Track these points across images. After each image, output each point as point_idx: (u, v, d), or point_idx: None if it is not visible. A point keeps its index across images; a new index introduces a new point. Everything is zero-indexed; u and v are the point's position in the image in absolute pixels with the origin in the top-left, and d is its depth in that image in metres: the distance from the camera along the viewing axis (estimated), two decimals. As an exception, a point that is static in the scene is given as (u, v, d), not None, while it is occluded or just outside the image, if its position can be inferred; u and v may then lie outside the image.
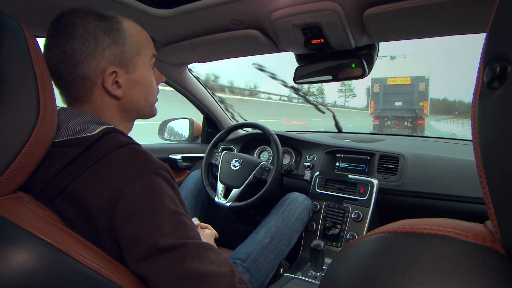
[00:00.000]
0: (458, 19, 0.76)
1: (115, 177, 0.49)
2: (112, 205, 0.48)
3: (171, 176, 0.55)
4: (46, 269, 0.40)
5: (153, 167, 0.51)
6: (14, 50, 0.44)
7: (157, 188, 0.50)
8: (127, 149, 0.53)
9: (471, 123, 0.25)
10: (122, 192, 0.48)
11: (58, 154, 0.51)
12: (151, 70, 0.65)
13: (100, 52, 0.56)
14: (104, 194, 0.48)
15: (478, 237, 0.21)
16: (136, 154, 0.52)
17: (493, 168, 0.21)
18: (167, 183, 0.53)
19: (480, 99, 0.24)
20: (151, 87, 0.65)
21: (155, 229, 0.48)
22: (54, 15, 0.58)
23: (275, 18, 0.85)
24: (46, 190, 0.50)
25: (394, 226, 0.25)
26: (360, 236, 0.28)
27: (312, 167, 1.47)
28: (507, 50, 0.21)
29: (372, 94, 14.78)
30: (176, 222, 0.50)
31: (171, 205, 0.51)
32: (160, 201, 0.50)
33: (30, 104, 0.45)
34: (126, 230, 0.48)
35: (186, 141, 1.85)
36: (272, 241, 1.07)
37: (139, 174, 0.50)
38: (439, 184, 1.19)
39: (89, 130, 0.53)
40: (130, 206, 0.48)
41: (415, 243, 0.22)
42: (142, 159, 0.52)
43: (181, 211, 0.52)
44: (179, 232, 0.50)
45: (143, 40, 0.62)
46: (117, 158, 0.51)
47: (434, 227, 0.23)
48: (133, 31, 0.60)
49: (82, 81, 0.56)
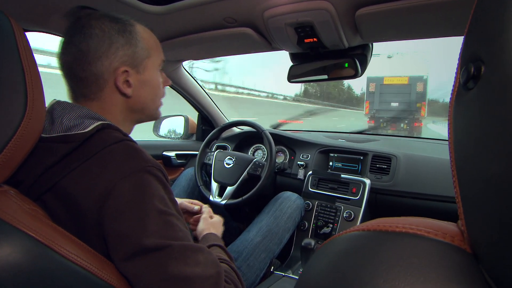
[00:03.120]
0: (449, 20, 0.76)
1: (107, 174, 0.49)
2: (101, 201, 0.48)
3: (163, 175, 0.55)
4: (30, 263, 0.40)
5: (145, 165, 0.51)
6: (1, 43, 0.44)
7: (147, 187, 0.50)
8: (121, 145, 0.53)
9: (448, 124, 0.26)
10: (113, 189, 0.48)
11: (50, 150, 0.51)
12: (159, 73, 0.68)
13: (114, 52, 0.58)
14: (94, 190, 0.48)
15: (447, 236, 0.21)
16: (130, 151, 0.52)
17: (464, 168, 0.22)
18: (158, 182, 0.52)
19: (456, 99, 0.24)
20: (158, 89, 0.69)
21: (141, 229, 0.48)
22: (43, 9, 0.59)
23: (268, 16, 0.85)
24: (35, 186, 0.50)
25: (368, 225, 0.25)
26: (337, 234, 0.28)
27: (305, 166, 1.47)
28: (481, 51, 0.21)
29: (367, 94, 14.19)
30: (163, 222, 0.50)
31: (160, 205, 0.50)
32: (149, 200, 0.49)
33: (17, 98, 0.45)
34: (113, 228, 0.48)
35: (180, 139, 1.85)
36: (264, 240, 1.07)
37: (131, 172, 0.50)
38: (431, 184, 1.19)
39: (83, 126, 0.53)
40: (119, 204, 0.48)
41: (385, 241, 0.23)
42: (135, 156, 0.52)
43: (170, 211, 0.52)
44: (166, 233, 0.49)
45: (153, 44, 0.66)
46: (110, 155, 0.51)
47: (406, 226, 0.23)
48: (144, 35, 0.64)
49: (95, 78, 0.58)
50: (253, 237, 1.07)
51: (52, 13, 0.84)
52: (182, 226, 0.53)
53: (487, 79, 0.20)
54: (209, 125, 1.82)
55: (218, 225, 0.92)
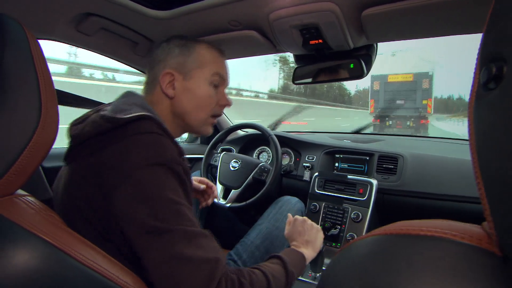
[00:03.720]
0: (456, 19, 0.76)
1: (129, 160, 0.53)
2: (119, 183, 0.52)
3: (184, 170, 0.58)
4: (47, 269, 0.40)
5: (164, 159, 0.55)
6: (16, 52, 0.44)
7: (162, 180, 0.54)
8: (149, 136, 0.56)
9: (468, 124, 0.25)
10: (130, 176, 0.52)
11: (97, 124, 0.56)
12: (209, 86, 0.74)
13: (169, 59, 0.72)
14: (115, 171, 0.53)
15: (474, 239, 0.21)
16: (154, 143, 0.55)
17: (489, 169, 0.21)
18: (176, 176, 0.56)
19: (476, 100, 0.24)
20: (203, 101, 0.73)
21: (151, 214, 0.51)
22: (51, 17, 0.60)
23: (273, 19, 0.85)
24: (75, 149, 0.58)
25: (391, 228, 0.25)
26: (358, 238, 0.28)
27: (311, 167, 1.47)
28: (503, 50, 0.21)
29: (371, 92, 13.99)
30: (172, 210, 0.53)
31: (171, 195, 0.54)
32: (162, 190, 0.53)
33: (31, 106, 0.45)
34: (124, 210, 0.52)
35: (185, 142, 1.85)
36: (264, 243, 1.05)
37: (150, 164, 0.53)
38: (439, 184, 1.19)
39: (129, 112, 0.58)
40: (134, 191, 0.52)
41: (410, 245, 0.22)
42: (157, 149, 0.55)
43: (180, 201, 0.55)
44: (173, 219, 0.52)
45: (209, 59, 0.74)
46: (136, 143, 0.55)
47: (430, 229, 0.23)
48: (202, 51, 0.74)
49: (152, 78, 0.73)
50: (253, 240, 1.05)
51: (59, 21, 0.84)
52: (191, 215, 0.56)
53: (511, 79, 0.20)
54: (214, 128, 1.82)
55: (309, 238, 0.88)
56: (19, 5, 0.76)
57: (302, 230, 0.88)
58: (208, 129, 0.77)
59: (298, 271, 0.74)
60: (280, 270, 0.67)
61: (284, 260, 0.70)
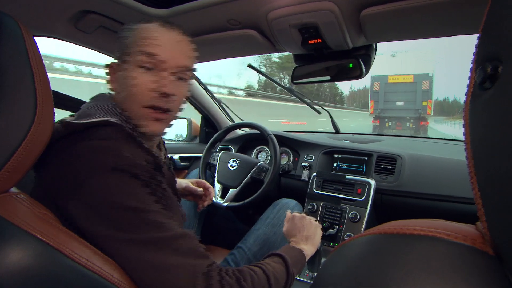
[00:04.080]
0: (455, 20, 0.76)
1: (79, 169, 0.49)
2: (71, 195, 0.49)
3: (146, 172, 0.54)
4: (41, 267, 0.40)
5: (117, 164, 0.50)
6: (12, 49, 0.44)
7: (115, 185, 0.49)
8: (101, 143, 0.52)
9: (463, 124, 0.25)
10: (80, 186, 0.48)
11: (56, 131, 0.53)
12: (138, 70, 0.59)
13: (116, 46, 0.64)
14: (66, 183, 0.49)
15: (467, 239, 0.21)
16: (107, 149, 0.51)
17: (483, 169, 0.21)
18: (135, 180, 0.51)
19: (471, 99, 0.24)
20: (131, 89, 0.59)
21: (109, 224, 0.48)
22: (49, 14, 0.59)
23: (272, 18, 0.85)
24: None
25: (385, 227, 0.25)
26: (352, 237, 0.28)
27: (309, 167, 1.47)
28: (498, 50, 0.21)
29: (371, 93, 13.87)
30: (133, 218, 0.49)
31: (130, 202, 0.50)
32: (118, 197, 0.49)
33: (27, 102, 0.45)
34: (85, 226, 0.49)
35: (184, 141, 1.85)
36: (261, 249, 1.02)
37: (101, 170, 0.49)
38: (437, 184, 1.19)
39: (92, 117, 0.55)
40: (88, 202, 0.48)
41: (404, 244, 0.22)
42: (111, 155, 0.51)
43: (144, 208, 0.51)
44: (137, 228, 0.49)
45: (139, 37, 0.60)
46: (87, 150, 0.51)
47: (424, 228, 0.22)
48: (136, 29, 0.61)
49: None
50: (250, 247, 1.02)
51: (58, 18, 0.84)
52: (162, 219, 0.52)
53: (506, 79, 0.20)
54: (212, 128, 1.82)
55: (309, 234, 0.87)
56: (20, 2, 0.76)
57: (301, 226, 0.88)
58: (148, 125, 0.60)
59: (298, 270, 0.74)
60: (282, 271, 0.66)
61: (286, 260, 0.68)
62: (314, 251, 0.85)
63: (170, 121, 0.64)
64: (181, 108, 0.66)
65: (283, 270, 0.66)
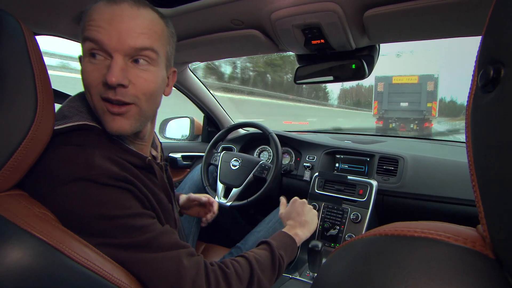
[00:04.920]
0: (458, 21, 0.75)
1: (50, 176, 0.48)
2: (43, 202, 0.48)
3: (120, 178, 0.51)
4: (41, 267, 0.40)
5: (80, 174, 0.48)
6: (12, 47, 0.44)
7: (79, 195, 0.48)
8: (72, 149, 0.50)
9: (465, 126, 0.25)
10: (51, 195, 0.48)
11: None
12: (86, 59, 0.53)
13: None
14: (39, 192, 0.48)
15: (468, 241, 0.21)
16: (68, 159, 0.49)
17: (484, 172, 0.21)
18: (101, 187, 0.49)
19: (474, 102, 0.24)
20: (84, 80, 0.53)
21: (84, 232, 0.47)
22: (53, 13, 0.59)
23: (275, 18, 0.85)
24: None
25: (386, 229, 0.25)
26: (353, 238, 0.28)
27: (311, 167, 1.47)
28: (501, 53, 0.21)
29: (375, 94, 13.58)
30: (110, 226, 0.49)
31: (102, 210, 0.49)
32: (89, 208, 0.48)
33: (27, 101, 0.45)
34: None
35: (186, 140, 1.85)
36: None
37: (62, 181, 0.48)
38: (439, 186, 1.18)
39: (68, 120, 0.53)
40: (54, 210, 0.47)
41: (404, 246, 0.22)
42: (72, 165, 0.49)
43: (118, 214, 0.50)
44: (115, 234, 0.49)
45: (84, 21, 0.53)
46: (58, 157, 0.49)
47: (424, 230, 0.23)
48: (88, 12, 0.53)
49: None
50: (249, 248, 0.99)
51: (61, 16, 0.84)
52: (143, 221, 0.52)
53: (508, 82, 0.20)
54: (215, 127, 1.82)
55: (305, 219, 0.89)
56: (23, 1, 0.77)
57: (301, 211, 0.90)
58: (108, 122, 0.54)
59: (290, 253, 0.75)
60: (266, 254, 0.67)
61: (270, 244, 0.70)
62: (309, 236, 0.87)
63: (138, 114, 0.56)
64: (151, 97, 0.56)
65: (267, 254, 0.67)
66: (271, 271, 0.66)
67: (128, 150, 0.58)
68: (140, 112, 0.56)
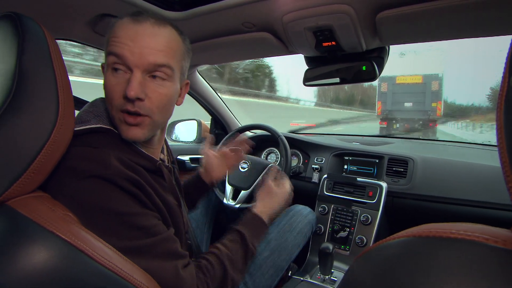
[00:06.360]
0: (472, 22, 0.75)
1: (66, 174, 0.51)
2: (61, 197, 0.50)
3: (132, 184, 0.54)
4: (65, 268, 0.40)
5: (95, 172, 0.51)
6: (36, 52, 0.45)
7: (96, 193, 0.51)
8: (88, 150, 0.54)
9: (496, 128, 0.25)
10: (63, 188, 0.50)
11: None
12: (109, 72, 0.57)
13: None
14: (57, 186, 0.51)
15: (507, 243, 0.21)
16: (92, 157, 0.53)
17: None
18: (112, 186, 0.52)
19: (506, 104, 0.24)
20: (106, 93, 0.58)
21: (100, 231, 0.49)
22: (68, 18, 0.60)
23: (287, 20, 0.85)
24: None
25: (419, 230, 0.25)
26: (382, 240, 0.28)
27: (320, 169, 1.47)
28: None
29: (379, 94, 13.38)
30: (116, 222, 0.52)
31: (112, 206, 0.52)
32: (99, 203, 0.51)
33: (50, 104, 0.46)
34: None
35: (194, 143, 1.86)
36: (272, 255, 0.98)
37: (85, 176, 0.51)
38: (449, 188, 1.18)
39: (86, 124, 0.57)
40: (78, 206, 0.50)
41: (442, 247, 0.22)
42: (89, 162, 0.52)
43: (127, 212, 0.53)
44: (122, 232, 0.52)
45: (108, 37, 0.58)
46: (70, 157, 0.52)
47: (460, 232, 0.22)
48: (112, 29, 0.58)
49: None
50: (261, 251, 0.98)
51: (77, 22, 0.85)
52: (147, 222, 0.55)
53: None
54: (222, 129, 1.82)
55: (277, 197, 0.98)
56: (39, 6, 0.78)
57: (281, 196, 0.99)
58: (124, 130, 0.58)
59: (259, 239, 0.84)
60: (239, 251, 0.75)
61: (244, 237, 0.77)
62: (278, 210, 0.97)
63: (151, 125, 0.60)
64: (163, 109, 0.61)
65: (240, 252, 0.75)
66: (243, 265, 0.74)
67: (141, 153, 0.61)
68: (153, 123, 0.61)
